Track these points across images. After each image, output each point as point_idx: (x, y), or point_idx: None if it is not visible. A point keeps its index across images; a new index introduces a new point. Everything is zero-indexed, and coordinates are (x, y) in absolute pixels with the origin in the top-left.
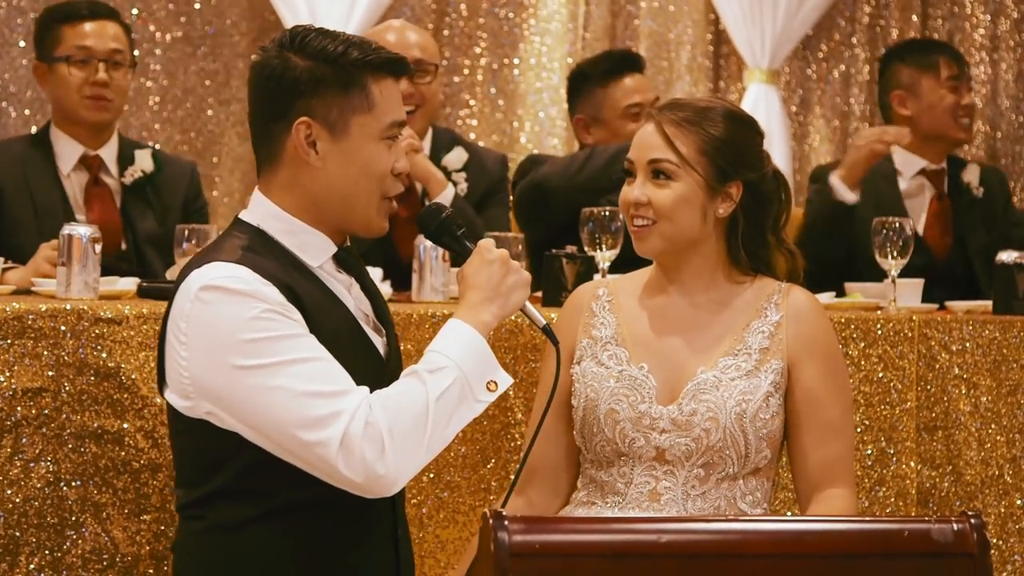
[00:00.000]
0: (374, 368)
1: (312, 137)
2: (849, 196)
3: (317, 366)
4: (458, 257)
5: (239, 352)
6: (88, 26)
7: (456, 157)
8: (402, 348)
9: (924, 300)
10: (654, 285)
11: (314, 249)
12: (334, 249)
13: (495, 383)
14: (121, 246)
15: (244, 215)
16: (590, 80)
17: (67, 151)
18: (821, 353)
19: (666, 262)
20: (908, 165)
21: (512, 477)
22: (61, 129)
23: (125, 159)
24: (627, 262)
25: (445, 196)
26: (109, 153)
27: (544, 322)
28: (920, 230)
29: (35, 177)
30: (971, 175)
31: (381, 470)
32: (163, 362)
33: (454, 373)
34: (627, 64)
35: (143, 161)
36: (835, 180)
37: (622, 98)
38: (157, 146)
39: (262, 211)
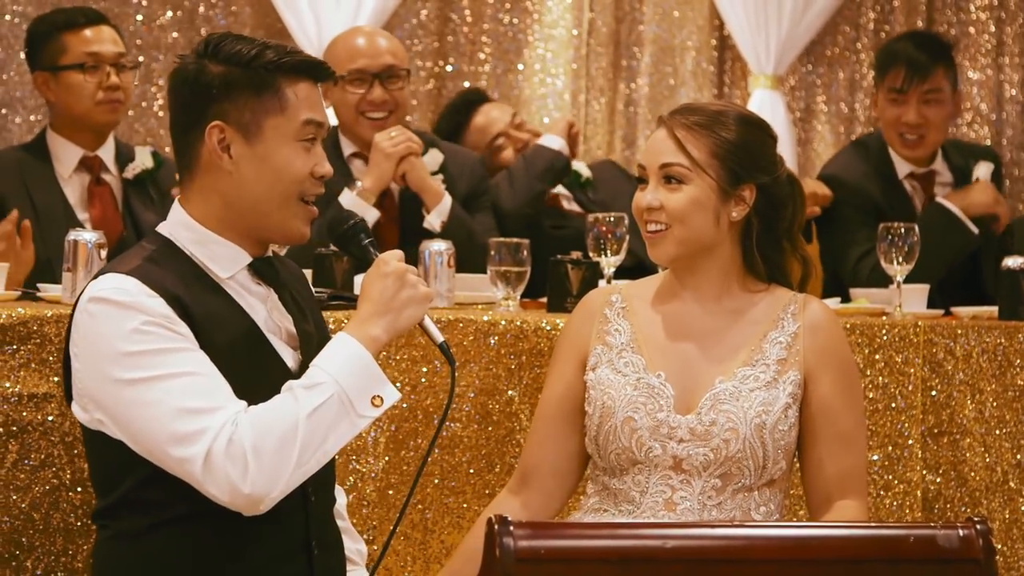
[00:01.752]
0: (279, 382)
1: (226, 141)
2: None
3: (192, 381)
4: (364, 266)
5: (117, 364)
6: (89, 32)
7: (431, 159)
8: (407, 355)
9: (929, 304)
10: (667, 291)
11: (224, 260)
12: (247, 260)
13: (380, 398)
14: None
15: (160, 226)
16: (459, 125)
17: (66, 155)
18: (837, 364)
19: (680, 268)
20: (900, 166)
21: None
22: (60, 134)
23: (123, 158)
24: (636, 267)
25: (443, 206)
26: (107, 153)
27: (441, 339)
28: None
29: (34, 182)
30: (982, 173)
31: (246, 489)
32: (68, 374)
33: (331, 389)
34: (479, 99)
35: (143, 158)
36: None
37: (487, 125)
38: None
39: (175, 221)
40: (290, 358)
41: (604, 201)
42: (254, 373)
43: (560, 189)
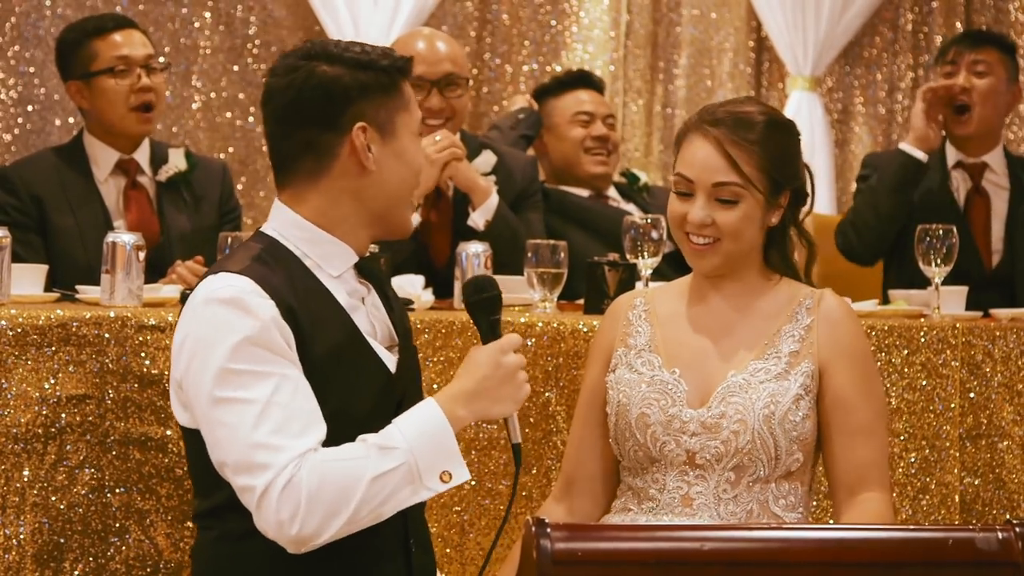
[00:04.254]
0: (380, 384)
1: (367, 141)
2: (918, 153)
3: (272, 411)
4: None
5: (213, 379)
6: (118, 36)
7: (484, 161)
8: (443, 356)
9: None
10: (693, 292)
11: (335, 259)
12: (355, 259)
13: (449, 475)
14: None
15: (264, 227)
16: (547, 92)
17: (102, 157)
18: (853, 357)
19: (717, 274)
20: (950, 155)
21: (552, 486)
22: (96, 136)
23: (158, 159)
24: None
25: (489, 204)
26: (142, 156)
27: (518, 440)
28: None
29: (72, 186)
30: None
31: (292, 531)
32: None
33: (403, 457)
34: (583, 81)
35: (176, 160)
36: (904, 145)
37: (573, 105)
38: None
39: (285, 221)
40: (390, 360)
41: (662, 207)
42: (355, 376)
43: (612, 192)
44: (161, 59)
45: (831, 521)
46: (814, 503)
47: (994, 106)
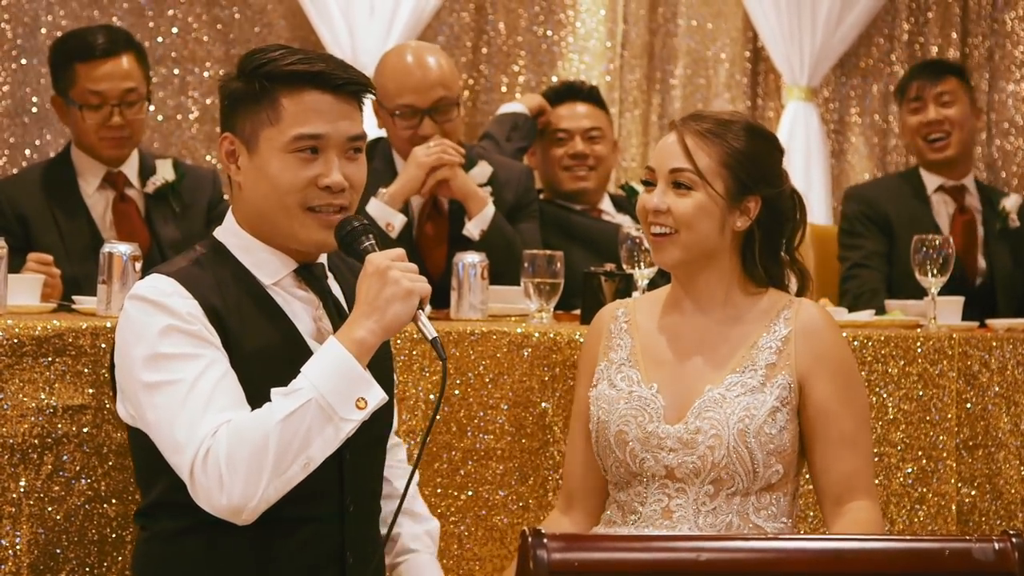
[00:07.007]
0: None
1: (236, 153)
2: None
3: (199, 391)
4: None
5: (140, 366)
6: (102, 68)
7: (480, 172)
8: (438, 367)
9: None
10: (671, 303)
11: (267, 266)
12: (292, 266)
13: (365, 400)
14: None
15: (216, 230)
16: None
17: (90, 171)
18: (832, 367)
19: (682, 275)
20: (929, 182)
21: (550, 496)
22: (83, 150)
23: (146, 171)
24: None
25: (485, 214)
26: (131, 168)
27: (433, 335)
28: None
29: (58, 201)
30: (1011, 203)
31: (223, 500)
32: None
33: (308, 394)
34: (570, 94)
35: (164, 170)
36: None
37: (553, 122)
38: (189, 161)
39: (225, 227)
40: None
41: None
42: (289, 377)
43: (606, 203)
44: (153, 78)
45: (824, 531)
46: (811, 514)
47: (968, 130)
